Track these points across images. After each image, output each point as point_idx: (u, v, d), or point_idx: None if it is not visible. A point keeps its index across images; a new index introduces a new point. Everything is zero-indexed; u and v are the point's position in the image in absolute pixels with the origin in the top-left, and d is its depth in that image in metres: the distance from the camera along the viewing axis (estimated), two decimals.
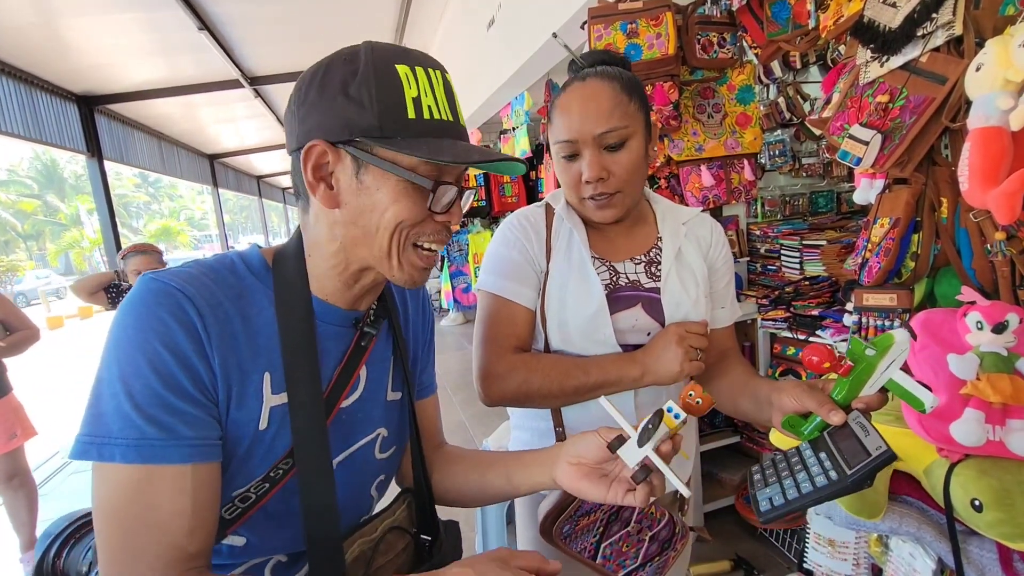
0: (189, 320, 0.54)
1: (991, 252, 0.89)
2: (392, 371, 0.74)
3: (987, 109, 0.81)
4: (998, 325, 0.79)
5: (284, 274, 0.63)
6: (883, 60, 1.03)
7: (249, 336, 0.58)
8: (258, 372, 0.58)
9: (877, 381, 0.62)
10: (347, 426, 0.66)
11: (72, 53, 4.23)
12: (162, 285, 0.54)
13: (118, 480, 0.51)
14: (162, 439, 0.52)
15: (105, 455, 0.51)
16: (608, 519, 0.90)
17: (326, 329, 0.65)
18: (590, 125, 0.84)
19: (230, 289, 0.58)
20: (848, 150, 1.03)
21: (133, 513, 0.51)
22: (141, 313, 0.53)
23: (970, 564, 0.82)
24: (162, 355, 0.52)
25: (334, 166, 0.59)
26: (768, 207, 2.45)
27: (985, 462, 0.80)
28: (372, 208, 0.59)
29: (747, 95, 1.94)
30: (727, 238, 1.01)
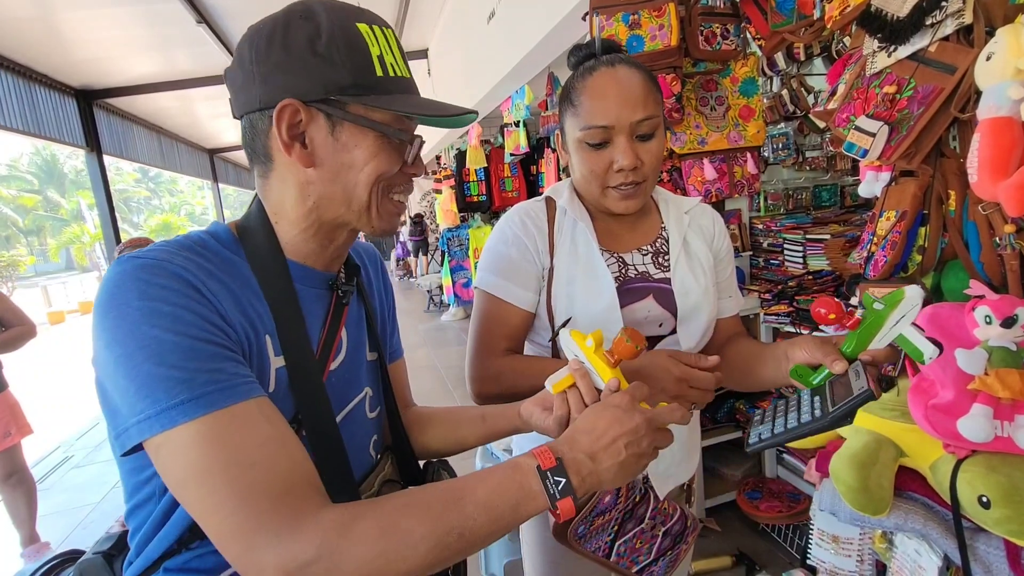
0: (191, 284, 0.52)
1: (1000, 245, 0.87)
2: (367, 333, 0.75)
3: (998, 99, 0.79)
4: (1007, 319, 0.78)
5: (255, 244, 0.62)
6: (890, 50, 1.01)
7: (244, 301, 0.57)
8: (262, 333, 0.57)
9: (886, 336, 0.61)
10: (338, 387, 0.67)
11: (70, 47, 4.20)
12: (148, 261, 0.52)
13: (193, 440, 0.48)
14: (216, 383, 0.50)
15: (166, 422, 0.48)
16: (623, 518, 0.90)
17: (307, 292, 0.64)
18: (628, 112, 0.82)
19: (209, 262, 0.57)
20: (854, 142, 1.02)
21: (227, 460, 0.48)
22: (137, 287, 0.51)
23: (977, 561, 0.81)
24: (180, 315, 0.50)
25: (307, 125, 0.58)
26: (771, 201, 2.44)
27: (993, 458, 0.79)
28: (351, 165, 0.60)
29: (750, 87, 1.92)
30: (728, 231, 1.02)
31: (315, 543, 0.47)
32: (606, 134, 0.84)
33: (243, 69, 0.59)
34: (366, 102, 0.58)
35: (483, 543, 0.53)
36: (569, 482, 0.54)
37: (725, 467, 2.26)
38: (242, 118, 0.62)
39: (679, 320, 0.90)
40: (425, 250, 9.75)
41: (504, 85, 3.81)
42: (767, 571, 1.83)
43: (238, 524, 0.47)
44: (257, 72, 0.58)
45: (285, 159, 0.60)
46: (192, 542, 0.56)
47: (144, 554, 0.57)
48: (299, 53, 0.56)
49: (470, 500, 0.52)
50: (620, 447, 0.57)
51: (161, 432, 0.48)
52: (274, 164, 0.62)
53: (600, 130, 0.84)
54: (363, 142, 0.60)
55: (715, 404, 2.25)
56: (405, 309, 8.07)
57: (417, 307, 7.94)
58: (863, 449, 0.91)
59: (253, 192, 0.67)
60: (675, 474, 0.97)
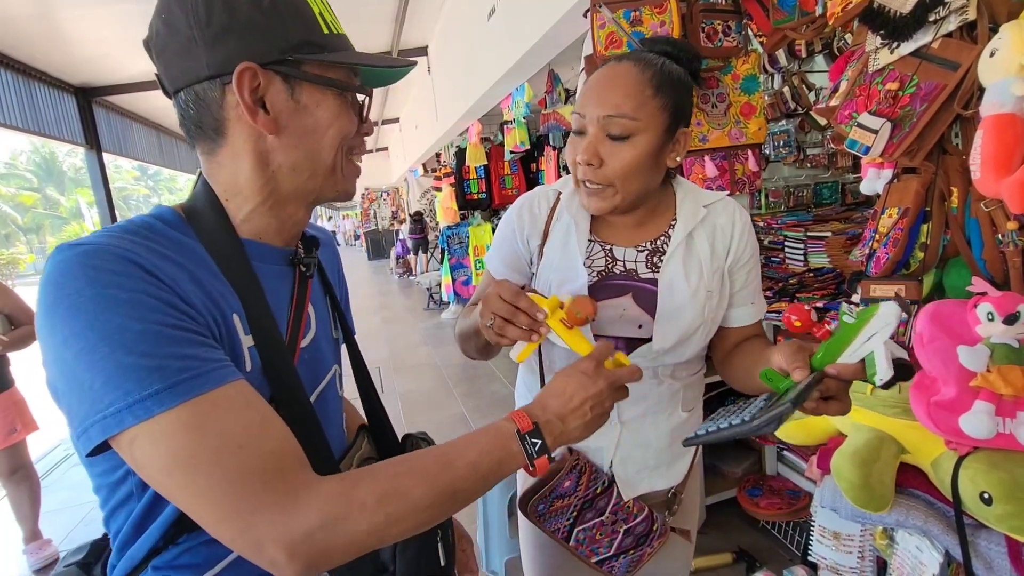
0: (143, 267, 0.49)
1: (1002, 242, 0.87)
2: (329, 310, 0.75)
3: (1001, 95, 0.79)
4: (1010, 316, 0.78)
5: (205, 226, 0.59)
6: (893, 46, 1.01)
7: (204, 282, 0.54)
8: (229, 313, 0.55)
9: (858, 351, 0.59)
10: (310, 366, 0.66)
11: (70, 44, 4.19)
12: (91, 247, 0.48)
13: (175, 428, 0.46)
14: (190, 370, 0.47)
15: (141, 412, 0.45)
16: (582, 506, 0.91)
17: (267, 270, 0.62)
18: (599, 105, 0.80)
19: (159, 244, 0.53)
20: (856, 139, 1.02)
21: (214, 445, 0.46)
22: (85, 275, 0.47)
23: (978, 557, 0.81)
24: (141, 300, 0.47)
25: (264, 90, 0.56)
26: (772, 198, 2.43)
27: (995, 455, 0.79)
28: (314, 128, 0.59)
29: (752, 84, 1.92)
30: None
31: (316, 512, 0.47)
32: (581, 123, 0.83)
33: (177, 36, 0.54)
34: (321, 59, 0.57)
35: (472, 499, 0.58)
36: (544, 443, 0.60)
37: (725, 465, 2.26)
38: (180, 92, 0.56)
39: (656, 318, 0.85)
40: (425, 248, 9.74)
41: (504, 82, 3.80)
42: (768, 568, 1.83)
43: (232, 506, 0.46)
44: (200, 38, 0.53)
45: (241, 130, 0.57)
46: (179, 537, 0.55)
47: (128, 555, 0.55)
48: (245, 13, 0.54)
49: (461, 463, 0.56)
50: (586, 409, 0.63)
51: (136, 424, 0.45)
52: (226, 139, 0.58)
53: (577, 117, 0.84)
54: (324, 102, 0.58)
55: (714, 403, 2.25)
56: (405, 307, 8.07)
57: (417, 305, 7.94)
58: (865, 446, 0.91)
59: None
60: (648, 479, 0.93)
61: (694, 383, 0.96)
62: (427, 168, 8.80)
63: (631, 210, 0.88)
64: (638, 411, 0.90)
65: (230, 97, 0.55)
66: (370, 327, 6.68)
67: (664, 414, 0.92)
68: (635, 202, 0.86)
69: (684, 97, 0.83)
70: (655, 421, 0.92)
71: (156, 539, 0.54)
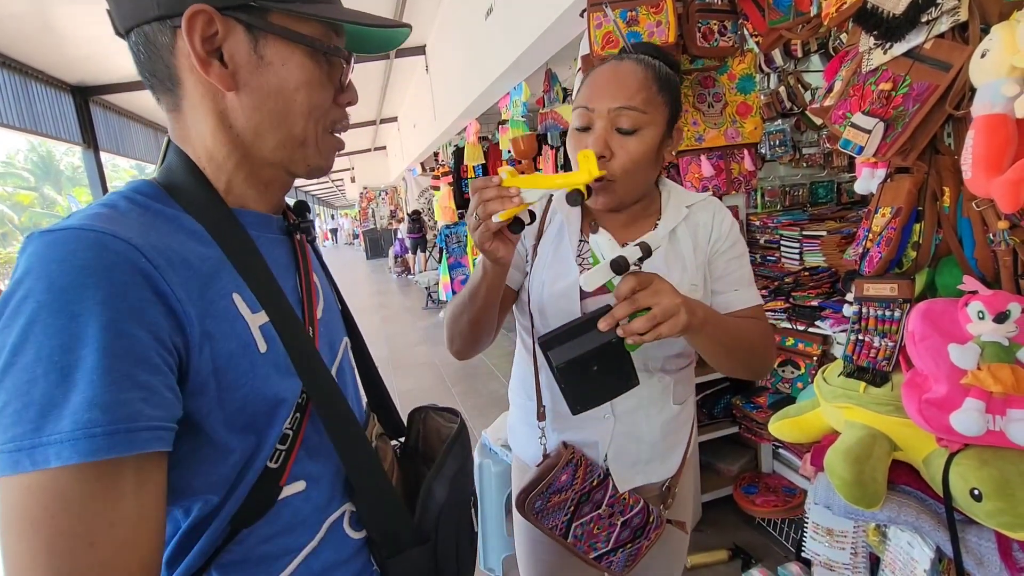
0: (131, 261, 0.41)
1: (993, 241, 0.88)
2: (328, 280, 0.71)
3: (992, 96, 0.79)
4: (1000, 314, 0.79)
5: (190, 196, 0.52)
6: (886, 47, 1.02)
7: (197, 263, 0.48)
8: (225, 297, 0.49)
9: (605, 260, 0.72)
10: (326, 339, 0.62)
11: (66, 42, 4.18)
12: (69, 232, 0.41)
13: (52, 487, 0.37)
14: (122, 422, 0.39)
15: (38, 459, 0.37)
16: (579, 500, 0.92)
17: (264, 238, 0.57)
18: (609, 98, 0.82)
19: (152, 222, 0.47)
20: (850, 139, 1.02)
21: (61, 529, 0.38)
22: (54, 276, 0.39)
23: (968, 553, 0.82)
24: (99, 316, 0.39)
25: (223, 39, 0.49)
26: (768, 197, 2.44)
27: (986, 452, 0.80)
28: (279, 88, 0.51)
29: (748, 84, 1.92)
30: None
31: None
32: (587, 117, 0.84)
33: None
34: (292, 9, 0.50)
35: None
36: None
37: (721, 462, 2.27)
38: (131, 32, 0.50)
39: None
40: (423, 247, 9.74)
41: (502, 81, 3.80)
42: (763, 565, 1.84)
43: None
44: None
45: (196, 82, 0.50)
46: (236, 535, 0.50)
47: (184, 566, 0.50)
48: None
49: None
50: None
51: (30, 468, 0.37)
52: (183, 89, 0.51)
53: (582, 111, 0.84)
54: (291, 59, 0.51)
55: (711, 400, 2.26)
56: (403, 306, 8.07)
57: (415, 304, 7.94)
58: (857, 443, 0.92)
59: None
60: (643, 472, 0.95)
61: (684, 377, 0.98)
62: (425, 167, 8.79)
63: (627, 206, 0.91)
64: (631, 404, 0.92)
65: (182, 43, 0.48)
66: (368, 326, 6.68)
67: (656, 407, 0.94)
68: (634, 197, 0.89)
69: (678, 95, 0.88)
70: (647, 414, 0.94)
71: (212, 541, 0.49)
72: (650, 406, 0.94)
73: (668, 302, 0.70)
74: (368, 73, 6.17)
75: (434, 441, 0.73)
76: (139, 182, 0.52)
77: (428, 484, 0.62)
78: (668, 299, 0.70)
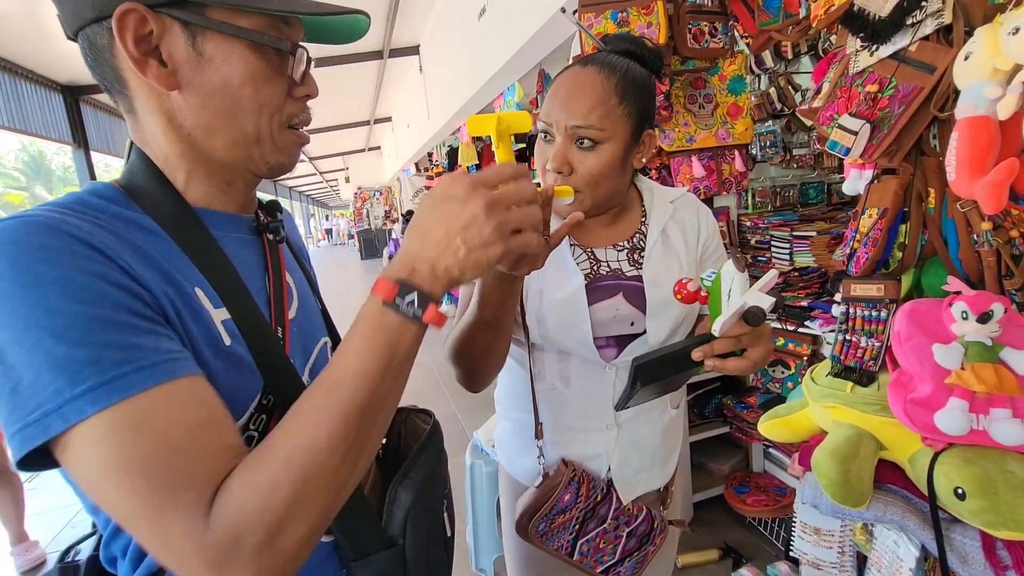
0: (83, 240, 0.42)
1: (977, 242, 0.89)
2: (307, 280, 0.69)
3: (975, 98, 0.80)
4: (983, 315, 0.80)
5: (149, 196, 0.51)
6: (873, 49, 1.03)
7: (155, 255, 0.47)
8: (188, 288, 0.48)
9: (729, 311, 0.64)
10: (299, 339, 0.61)
11: (56, 41, 4.14)
12: (17, 221, 0.42)
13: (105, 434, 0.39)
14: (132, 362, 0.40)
15: (69, 416, 0.38)
16: (584, 516, 0.90)
17: (229, 238, 0.56)
18: (565, 115, 0.80)
19: (99, 219, 0.46)
20: (837, 140, 1.03)
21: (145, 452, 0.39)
22: (7, 252, 0.40)
23: (953, 551, 0.83)
24: (75, 279, 0.40)
25: (160, 37, 0.48)
26: (759, 198, 2.45)
27: (969, 451, 0.80)
28: (224, 84, 0.50)
29: (738, 85, 1.93)
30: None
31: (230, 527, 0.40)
32: (548, 130, 0.83)
33: None
34: (229, 2, 0.48)
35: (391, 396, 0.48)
36: (422, 292, 0.47)
37: (713, 462, 2.28)
38: (77, 35, 0.50)
39: (648, 314, 0.87)
40: None
41: (495, 82, 3.80)
42: (753, 564, 1.85)
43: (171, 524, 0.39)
44: None
45: (140, 83, 0.50)
46: None
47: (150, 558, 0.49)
48: None
49: (347, 377, 0.45)
50: (458, 243, 0.48)
51: (65, 428, 0.39)
52: (130, 91, 0.51)
53: (544, 124, 0.83)
54: (232, 54, 0.49)
55: (703, 400, 2.27)
56: None
57: None
58: (844, 443, 0.93)
59: None
60: (645, 479, 0.95)
61: None
62: (420, 167, 8.78)
63: (601, 212, 0.90)
64: (632, 412, 0.91)
65: (119, 44, 0.47)
66: None
67: (656, 412, 0.94)
68: (604, 205, 0.88)
69: (648, 100, 0.85)
70: (648, 420, 0.93)
71: None
72: (651, 411, 0.93)
73: (765, 351, 0.69)
74: (362, 73, 6.15)
75: (412, 443, 0.72)
76: (98, 184, 0.52)
77: (394, 488, 0.61)
78: (765, 347, 0.69)
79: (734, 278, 0.63)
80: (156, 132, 0.52)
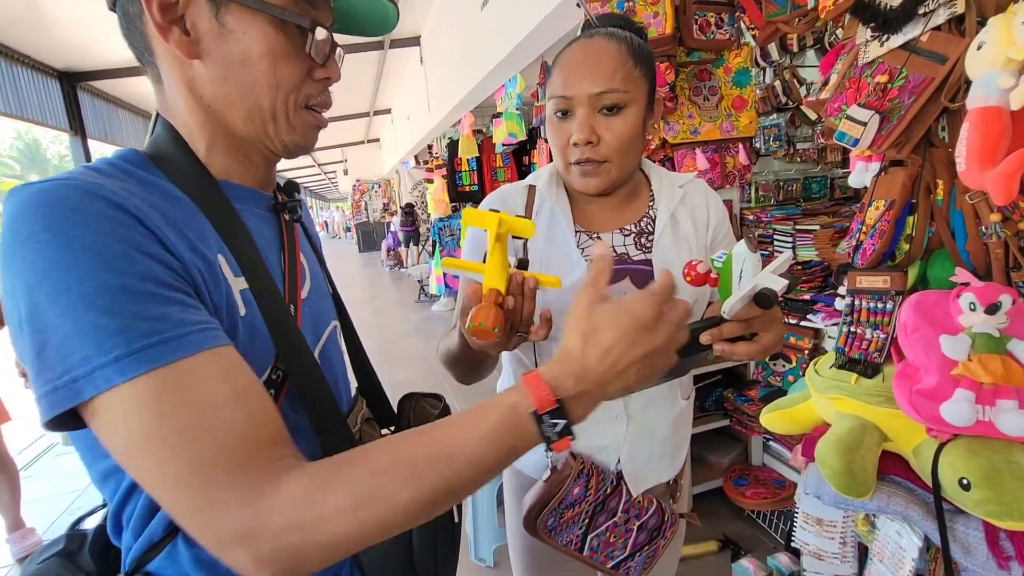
0: (120, 206, 0.42)
1: (985, 234, 0.88)
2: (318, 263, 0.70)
3: (987, 88, 0.80)
4: (991, 306, 0.80)
5: (174, 165, 0.52)
6: (883, 39, 1.02)
7: (182, 222, 0.48)
8: (212, 253, 0.49)
9: (739, 293, 0.61)
10: (311, 319, 0.61)
11: (53, 27, 4.10)
12: (52, 184, 0.42)
13: (134, 404, 0.40)
14: (159, 333, 0.40)
15: (100, 382, 0.39)
16: (594, 511, 0.88)
17: (249, 212, 0.57)
18: (588, 83, 0.79)
19: (126, 184, 0.47)
20: (845, 131, 1.02)
21: (176, 425, 0.40)
22: (42, 216, 0.40)
23: (956, 542, 0.83)
24: (108, 247, 0.41)
25: (185, 7, 0.49)
26: (762, 192, 2.45)
27: (974, 442, 0.80)
28: (243, 58, 0.51)
29: (743, 78, 1.93)
30: None
31: (280, 516, 0.41)
32: (567, 104, 0.81)
33: None
34: None
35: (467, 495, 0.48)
36: (568, 425, 0.46)
37: (712, 455, 2.29)
38: (115, 5, 0.53)
39: None
40: (416, 240, 9.70)
41: (497, 73, 3.78)
42: (752, 555, 1.86)
43: (194, 498, 0.40)
44: None
45: (165, 51, 0.51)
46: None
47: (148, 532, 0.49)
48: None
49: (460, 455, 0.44)
50: (632, 372, 0.47)
51: (96, 395, 0.39)
52: (157, 59, 0.52)
53: (561, 100, 0.81)
54: (253, 28, 0.50)
55: (704, 393, 2.28)
56: (396, 299, 8.04)
57: (408, 297, 7.92)
58: (848, 434, 0.93)
59: None
60: (655, 471, 0.94)
61: None
62: (419, 160, 8.75)
63: (618, 188, 0.88)
64: (643, 401, 0.90)
65: (146, 11, 0.49)
66: (360, 318, 6.66)
67: (667, 402, 0.93)
68: (625, 177, 0.87)
69: (653, 66, 0.86)
70: (659, 410, 0.92)
71: None
72: (661, 401, 0.92)
73: (776, 335, 0.67)
74: (362, 64, 6.12)
75: None
76: (126, 150, 0.52)
77: None
78: (777, 332, 0.67)
79: (746, 259, 0.60)
80: (179, 101, 0.53)
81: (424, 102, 6.08)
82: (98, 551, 0.53)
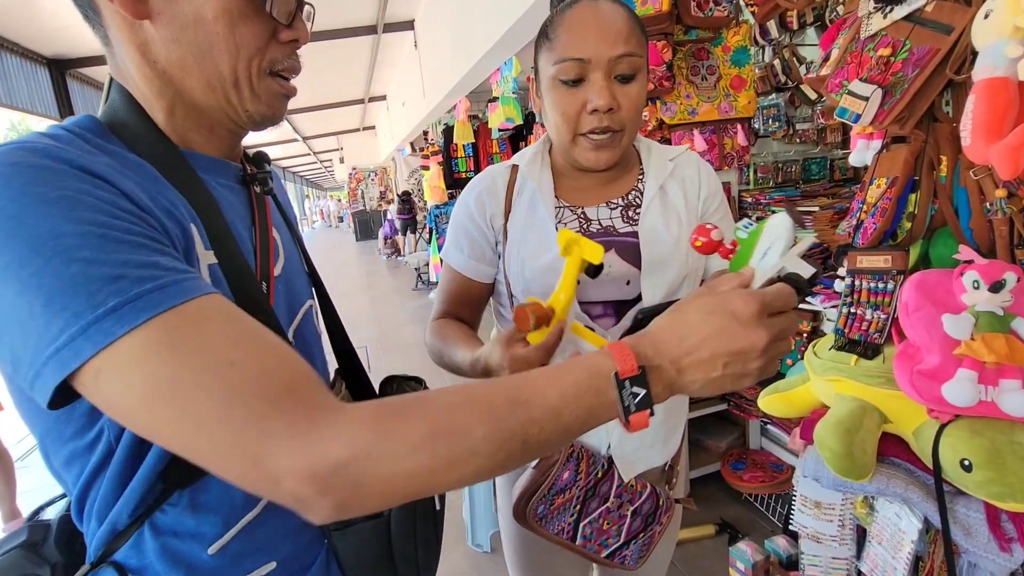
0: (81, 166, 0.40)
1: (990, 211, 0.86)
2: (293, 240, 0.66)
3: (994, 58, 0.77)
4: (995, 283, 0.78)
5: (133, 132, 0.48)
6: (886, 11, 0.99)
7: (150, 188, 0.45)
8: (186, 221, 0.46)
9: (762, 267, 0.54)
10: (284, 297, 0.58)
11: (41, 13, 4.02)
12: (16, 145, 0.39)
13: (144, 352, 0.36)
14: (154, 279, 0.37)
15: (100, 337, 0.35)
16: (585, 496, 0.86)
17: (217, 182, 0.54)
18: (607, 46, 0.74)
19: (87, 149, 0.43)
20: (847, 107, 0.99)
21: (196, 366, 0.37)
22: (10, 172, 0.37)
23: (956, 524, 0.82)
24: (81, 199, 0.38)
25: None
26: (761, 173, 2.42)
27: (977, 422, 0.79)
28: (196, 18, 0.46)
29: (742, 57, 1.89)
30: None
31: (344, 441, 0.37)
32: (581, 69, 0.76)
33: None
34: None
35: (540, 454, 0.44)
36: (649, 394, 0.44)
37: (709, 439, 2.29)
38: None
39: (643, 272, 0.83)
40: (413, 228, 9.65)
41: (492, 56, 3.72)
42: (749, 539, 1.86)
43: (233, 434, 0.36)
44: None
45: (112, 11, 0.47)
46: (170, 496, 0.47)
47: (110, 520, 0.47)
48: None
49: (538, 403, 0.42)
50: (719, 365, 0.45)
51: (96, 352, 0.35)
52: (104, 19, 0.49)
53: (575, 63, 0.76)
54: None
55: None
56: (393, 287, 8.02)
57: (405, 285, 7.89)
58: (848, 415, 0.91)
59: None
60: (646, 456, 0.92)
61: None
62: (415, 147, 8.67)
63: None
64: None
65: None
66: (358, 307, 6.64)
67: None
68: (627, 150, 0.86)
69: None
70: None
71: (140, 496, 0.46)
72: None
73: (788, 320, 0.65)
74: (355, 50, 6.02)
75: None
76: (81, 117, 0.49)
77: None
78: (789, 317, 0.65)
79: (781, 235, 0.53)
80: (131, 67, 0.50)
81: (419, 88, 5.99)
82: (64, 541, 0.52)
